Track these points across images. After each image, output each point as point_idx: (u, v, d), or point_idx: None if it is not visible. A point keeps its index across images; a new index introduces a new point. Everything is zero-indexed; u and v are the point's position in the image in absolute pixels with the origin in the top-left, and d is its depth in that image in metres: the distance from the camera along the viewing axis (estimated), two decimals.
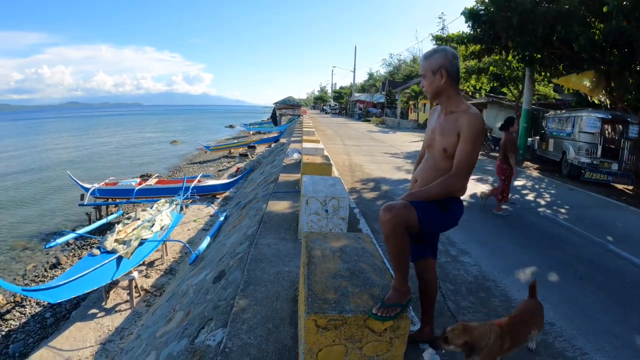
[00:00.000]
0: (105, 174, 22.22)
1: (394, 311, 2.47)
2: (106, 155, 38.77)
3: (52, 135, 70.17)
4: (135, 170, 27.29)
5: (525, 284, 5.05)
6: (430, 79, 2.81)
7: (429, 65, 2.80)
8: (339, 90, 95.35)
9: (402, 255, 2.64)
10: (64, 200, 19.79)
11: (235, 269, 4.88)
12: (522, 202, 9.72)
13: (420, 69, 2.90)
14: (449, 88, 2.82)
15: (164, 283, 8.52)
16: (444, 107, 2.89)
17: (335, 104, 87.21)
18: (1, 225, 15.85)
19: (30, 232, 14.77)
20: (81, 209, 15.57)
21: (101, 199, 15.14)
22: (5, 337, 7.81)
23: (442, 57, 2.78)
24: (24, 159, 36.06)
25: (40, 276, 10.55)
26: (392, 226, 2.57)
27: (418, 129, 35.97)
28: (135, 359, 4.98)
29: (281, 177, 9.83)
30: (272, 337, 3.32)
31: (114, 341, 6.64)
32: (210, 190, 15.76)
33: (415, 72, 56.70)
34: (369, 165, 13.95)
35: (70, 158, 36.96)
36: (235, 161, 27.54)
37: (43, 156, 39.20)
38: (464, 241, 6.52)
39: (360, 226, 6.92)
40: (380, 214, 2.65)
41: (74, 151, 43.18)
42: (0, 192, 21.98)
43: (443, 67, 2.77)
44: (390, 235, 2.60)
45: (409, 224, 2.64)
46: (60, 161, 34.61)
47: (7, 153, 41.49)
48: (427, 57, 2.84)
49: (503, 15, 13.30)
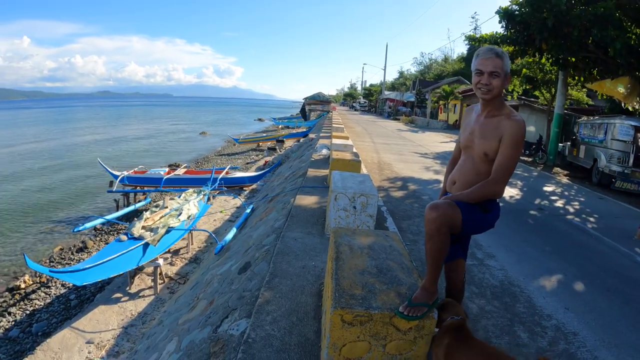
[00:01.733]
0: (134, 163, 22.56)
1: (421, 311, 2.44)
2: (135, 144, 39.36)
3: (84, 122, 71.63)
4: (163, 160, 27.67)
5: (550, 292, 4.98)
6: (503, 80, 2.71)
7: (505, 66, 2.71)
8: (368, 87, 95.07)
9: (440, 255, 2.61)
10: (92, 186, 20.18)
11: (261, 260, 4.89)
12: (551, 209, 9.58)
13: (488, 66, 2.71)
14: (502, 92, 2.80)
15: (188, 271, 8.61)
16: (487, 109, 2.83)
17: (364, 101, 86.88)
18: (31, 208, 16.25)
19: (58, 216, 15.09)
20: (109, 196, 15.84)
21: (129, 187, 15.44)
22: (29, 316, 8.01)
23: (509, 62, 2.74)
24: (55, 146, 36.89)
25: (67, 259, 10.76)
26: (437, 225, 2.53)
27: (447, 130, 35.63)
28: (157, 344, 5.03)
29: (309, 172, 9.83)
30: (295, 330, 3.31)
31: (136, 325, 6.73)
32: (238, 182, 15.87)
33: (447, 72, 56.14)
34: (397, 164, 13.90)
35: (100, 146, 37.63)
36: (263, 154, 27.63)
37: (74, 142, 40.01)
38: (490, 245, 6.44)
39: (387, 224, 6.88)
40: (425, 212, 2.61)
41: (104, 139, 43.94)
42: (32, 177, 22.50)
43: (509, 72, 2.75)
44: (434, 234, 2.55)
45: (453, 225, 2.60)
46: (90, 148, 35.28)
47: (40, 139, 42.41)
48: (501, 56, 2.71)
49: (538, 17, 13.07)
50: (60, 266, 10.24)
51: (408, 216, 7.67)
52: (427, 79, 58.91)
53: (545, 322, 4.20)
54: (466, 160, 2.96)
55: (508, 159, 2.64)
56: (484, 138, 2.76)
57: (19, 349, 6.99)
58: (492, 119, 2.77)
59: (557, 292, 5.05)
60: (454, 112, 39.50)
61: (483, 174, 2.77)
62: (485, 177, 2.75)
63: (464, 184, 2.87)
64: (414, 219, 7.52)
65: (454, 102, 39.03)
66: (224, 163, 24.42)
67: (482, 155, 2.77)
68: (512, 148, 2.63)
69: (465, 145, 2.96)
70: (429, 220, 2.57)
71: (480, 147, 2.78)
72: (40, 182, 21.42)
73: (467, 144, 2.93)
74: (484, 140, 2.76)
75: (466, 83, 41.82)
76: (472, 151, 2.88)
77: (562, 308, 4.58)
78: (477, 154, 2.82)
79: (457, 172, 3.03)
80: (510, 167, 2.67)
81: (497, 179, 2.67)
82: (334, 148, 9.44)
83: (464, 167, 2.95)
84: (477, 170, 2.82)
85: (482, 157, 2.77)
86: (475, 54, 2.83)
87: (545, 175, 14.82)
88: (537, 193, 11.33)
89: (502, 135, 2.66)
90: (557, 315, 4.38)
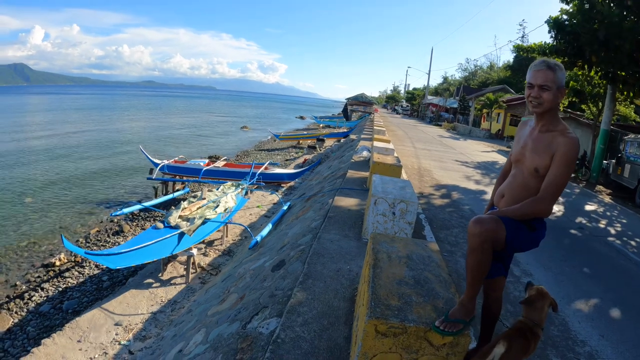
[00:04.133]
0: (175, 152, 22.96)
1: (457, 327, 2.38)
2: (177, 134, 40.15)
3: (128, 110, 73.39)
4: (204, 151, 28.14)
5: (586, 317, 4.85)
6: (555, 94, 2.62)
7: (557, 79, 2.62)
8: (412, 91, 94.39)
9: (480, 271, 2.56)
10: (132, 172, 20.71)
11: (295, 260, 4.86)
12: (591, 229, 9.28)
13: (538, 78, 2.64)
14: (557, 106, 2.72)
15: (220, 263, 8.67)
16: (540, 123, 2.74)
17: (407, 104, 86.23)
18: (72, 190, 16.75)
19: (97, 199, 15.52)
20: (148, 183, 16.17)
21: (169, 175, 15.72)
22: (61, 293, 8.25)
23: (564, 75, 2.64)
24: (99, 131, 38.05)
25: (103, 241, 11.03)
26: (480, 240, 2.49)
27: (489, 139, 34.96)
28: (184, 333, 5.07)
29: (349, 174, 9.78)
30: (325, 334, 3.27)
31: (164, 312, 6.82)
32: (276, 178, 15.94)
33: (492, 79, 55.27)
34: (438, 171, 13.72)
35: (143, 133, 38.48)
36: (303, 152, 27.78)
37: (117, 128, 41.17)
38: (529, 262, 6.28)
39: (425, 233, 6.75)
40: (469, 225, 2.56)
41: (147, 127, 44.97)
42: (75, 160, 23.22)
43: (563, 85, 2.66)
44: (476, 249, 2.51)
45: (497, 241, 2.54)
46: (132, 135, 36.17)
47: (84, 124, 43.64)
48: (553, 68, 2.62)
49: (588, 28, 12.74)
50: (95, 247, 10.52)
51: (446, 226, 7.54)
52: (471, 86, 58.01)
53: (578, 349, 4.07)
54: (516, 174, 2.87)
55: (559, 177, 2.56)
56: (536, 153, 2.67)
57: (49, 324, 7.19)
58: (545, 134, 2.68)
59: (592, 317, 4.88)
60: (497, 122, 38.73)
61: (532, 190, 2.68)
62: (534, 193, 2.66)
63: (512, 198, 2.79)
64: (452, 229, 7.39)
65: (497, 111, 38.24)
66: (263, 158, 24.61)
67: (532, 171, 2.68)
68: (564, 166, 2.55)
69: (517, 159, 2.87)
70: (472, 235, 2.52)
71: (531, 162, 2.69)
72: (83, 165, 22.11)
73: (518, 158, 2.84)
74: (536, 155, 2.67)
75: (511, 92, 41.07)
76: (522, 165, 2.79)
77: (597, 335, 4.43)
78: (527, 169, 2.73)
79: (506, 186, 2.94)
80: (560, 186, 2.58)
81: (545, 197, 2.58)
82: (375, 151, 9.38)
83: (514, 181, 2.86)
84: (527, 185, 2.73)
85: (533, 172, 2.68)
86: (530, 65, 2.76)
87: (587, 192, 14.41)
88: (579, 211, 11.02)
89: (555, 152, 2.57)
90: (592, 342, 4.24)
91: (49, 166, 21.38)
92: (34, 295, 8.16)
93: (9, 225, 12.45)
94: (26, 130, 37.00)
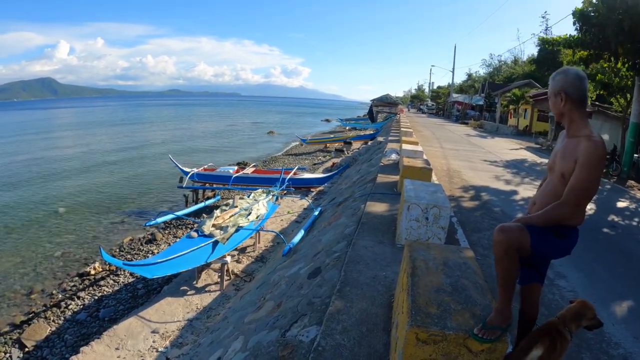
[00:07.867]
0: (204, 159, 23.19)
1: (495, 334, 2.44)
2: (205, 141, 40.58)
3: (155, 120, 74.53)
4: (232, 158, 28.37)
5: (620, 319, 4.78)
6: (552, 101, 2.74)
7: (551, 87, 2.75)
8: (436, 89, 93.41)
9: (510, 278, 2.60)
10: (162, 181, 21.06)
11: (332, 267, 4.90)
12: (624, 227, 9.07)
13: (548, 90, 2.84)
14: (571, 111, 2.70)
15: (254, 269, 8.77)
16: (568, 130, 2.78)
17: (432, 103, 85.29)
18: (103, 201, 17.13)
19: (129, 209, 15.84)
20: (179, 191, 16.40)
21: (199, 183, 15.92)
22: (97, 302, 8.45)
23: (562, 80, 2.68)
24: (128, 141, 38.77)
25: (136, 249, 11.26)
26: (504, 248, 2.54)
27: (517, 136, 34.21)
28: (221, 340, 5.14)
29: (379, 178, 9.77)
30: (364, 342, 3.29)
31: (200, 319, 6.92)
32: (306, 183, 15.99)
33: (517, 74, 54.38)
34: (467, 172, 13.59)
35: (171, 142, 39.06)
36: (330, 156, 27.78)
37: (145, 138, 41.85)
38: (562, 263, 6.18)
39: (458, 236, 6.73)
40: (493, 234, 2.62)
41: (175, 136, 45.58)
42: (106, 171, 23.78)
43: (563, 90, 2.66)
44: (502, 257, 2.57)
45: (521, 248, 2.58)
46: (161, 144, 36.72)
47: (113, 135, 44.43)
48: (551, 78, 2.78)
49: (614, 19, 12.47)
50: (129, 256, 10.75)
51: (478, 229, 7.49)
52: (496, 82, 56.86)
53: (612, 351, 4.03)
54: (549, 182, 2.89)
55: (580, 181, 2.55)
56: (563, 159, 2.69)
57: (86, 332, 7.38)
58: (572, 140, 2.70)
59: (626, 319, 4.79)
60: (524, 117, 37.95)
61: (560, 197, 2.68)
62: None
63: (542, 205, 2.79)
64: (484, 231, 7.32)
65: (524, 106, 37.37)
66: (291, 163, 24.75)
67: (560, 177, 2.69)
68: (586, 170, 2.53)
69: (550, 166, 2.89)
70: (496, 243, 2.59)
71: (559, 168, 2.71)
72: (113, 175, 22.63)
73: (551, 165, 2.87)
74: (563, 161, 2.68)
75: (537, 87, 40.30)
76: (553, 173, 2.81)
77: (631, 337, 4.35)
78: (556, 176, 2.74)
79: (539, 193, 2.97)
80: (582, 190, 2.57)
81: (566, 201, 2.59)
82: (403, 154, 9.36)
83: (546, 189, 2.88)
84: (556, 192, 2.72)
85: (560, 178, 2.69)
86: None
87: (619, 188, 14.07)
88: (610, 208, 10.79)
89: (577, 157, 2.57)
90: (626, 345, 4.17)
91: (81, 178, 21.96)
92: (71, 304, 8.38)
93: (43, 236, 12.83)
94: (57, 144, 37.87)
